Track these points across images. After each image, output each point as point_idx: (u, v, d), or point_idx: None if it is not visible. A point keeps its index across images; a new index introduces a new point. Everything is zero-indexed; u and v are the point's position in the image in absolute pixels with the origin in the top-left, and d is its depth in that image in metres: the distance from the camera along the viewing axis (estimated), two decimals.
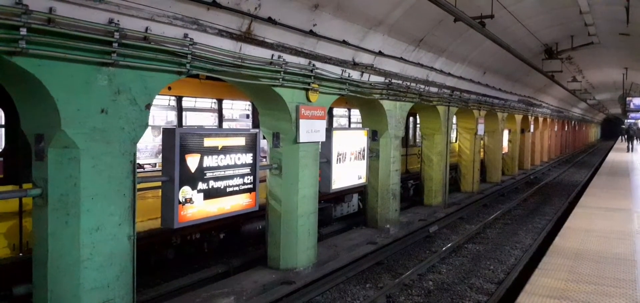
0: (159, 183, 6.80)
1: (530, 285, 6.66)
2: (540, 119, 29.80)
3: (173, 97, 8.83)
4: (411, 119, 16.18)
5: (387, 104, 11.21)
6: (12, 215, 6.51)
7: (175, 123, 8.99)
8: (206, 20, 6.34)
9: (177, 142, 6.44)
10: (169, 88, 8.30)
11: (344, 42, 8.89)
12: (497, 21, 11.20)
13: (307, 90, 8.48)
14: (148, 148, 8.98)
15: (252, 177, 7.69)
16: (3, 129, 6.73)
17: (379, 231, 11.49)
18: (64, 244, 5.34)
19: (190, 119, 9.58)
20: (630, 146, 35.66)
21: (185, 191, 6.62)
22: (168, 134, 6.59)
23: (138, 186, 5.99)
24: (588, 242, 8.86)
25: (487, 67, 16.36)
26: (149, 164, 8.80)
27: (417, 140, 16.87)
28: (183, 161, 6.56)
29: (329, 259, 9.38)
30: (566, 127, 42.73)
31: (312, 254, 9.02)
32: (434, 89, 13.45)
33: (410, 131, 16.39)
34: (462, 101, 15.85)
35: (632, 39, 15.71)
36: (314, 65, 8.46)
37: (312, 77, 8.47)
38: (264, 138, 8.82)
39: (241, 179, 7.53)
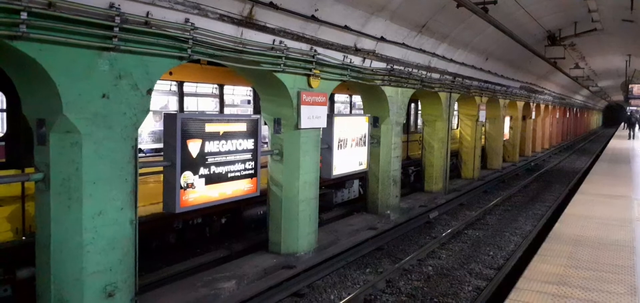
0: (161, 168, 6.82)
1: (529, 270, 6.71)
2: (542, 106, 29.72)
3: (174, 83, 8.81)
4: (412, 105, 16.14)
5: (388, 90, 11.18)
6: (15, 198, 6.54)
7: (169, 108, 8.97)
8: (207, 4, 6.30)
9: (178, 127, 6.45)
10: (170, 73, 8.29)
11: (346, 28, 8.85)
12: (500, 7, 11.12)
13: (308, 76, 8.46)
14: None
15: (253, 162, 7.71)
16: (5, 114, 6.73)
17: (380, 217, 11.54)
18: (66, 228, 5.38)
19: (191, 105, 9.57)
20: (632, 133, 35.57)
21: (187, 177, 6.65)
22: (169, 119, 6.60)
23: (140, 171, 6.01)
24: (588, 229, 8.90)
25: (490, 54, 16.28)
26: None
27: (419, 126, 16.85)
28: (184, 147, 6.58)
29: (330, 244, 9.44)
30: (568, 114, 42.62)
31: (313, 239, 9.07)
32: (436, 76, 13.41)
33: (412, 118, 16.35)
34: (464, 87, 15.81)
35: (636, 26, 15.61)
36: (315, 51, 8.42)
37: (314, 63, 8.45)
38: (265, 123, 8.82)
39: (242, 165, 7.55)
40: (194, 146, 6.71)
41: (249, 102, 10.60)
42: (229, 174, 7.33)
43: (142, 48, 5.72)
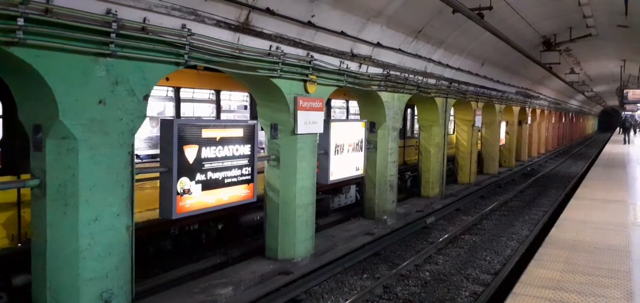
0: (157, 174, 6.81)
1: (526, 275, 6.72)
2: (538, 111, 29.85)
3: (171, 88, 8.81)
4: (409, 110, 16.19)
5: (385, 95, 11.21)
6: (11, 205, 6.52)
7: (165, 114, 8.97)
8: (204, 10, 6.32)
9: (175, 133, 6.44)
10: (167, 79, 8.29)
11: (343, 34, 8.88)
12: (495, 12, 11.18)
13: (305, 81, 8.48)
14: None
15: (250, 168, 7.71)
16: (1, 120, 6.71)
17: (377, 222, 11.54)
18: (62, 234, 5.36)
19: (188, 110, 9.57)
20: (627, 138, 35.74)
21: (184, 182, 6.63)
22: (166, 125, 6.59)
23: (136, 176, 6.00)
24: (584, 233, 8.92)
25: (486, 59, 16.36)
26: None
27: (415, 132, 16.89)
28: (181, 152, 6.57)
29: (327, 250, 9.43)
30: (563, 119, 42.81)
31: (310, 245, 9.06)
32: (432, 81, 13.45)
33: (408, 123, 16.40)
34: (460, 92, 15.86)
35: (631, 31, 15.72)
36: (312, 56, 8.44)
37: (310, 68, 8.47)
38: (262, 129, 8.82)
39: (239, 171, 7.54)
40: (190, 152, 6.71)
41: (245, 107, 10.60)
42: (226, 180, 7.33)
43: (139, 54, 5.72)
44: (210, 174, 7.03)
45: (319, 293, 7.95)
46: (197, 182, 6.84)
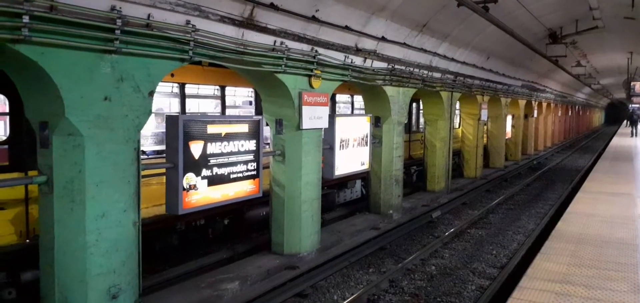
0: (163, 170, 6.84)
1: (532, 269, 6.70)
2: (544, 104, 29.67)
3: (176, 84, 8.84)
4: (414, 105, 16.13)
5: (390, 90, 11.18)
6: (19, 201, 6.57)
7: (171, 110, 8.99)
8: (208, 6, 6.32)
9: (180, 129, 6.46)
10: (172, 75, 8.31)
11: (347, 28, 8.85)
12: (500, 5, 11.11)
13: (309, 76, 8.47)
14: None
15: (255, 163, 7.72)
16: (8, 117, 6.76)
17: (382, 217, 11.54)
18: (70, 230, 5.40)
19: (193, 106, 9.60)
20: (634, 131, 35.46)
21: (189, 178, 6.66)
22: (172, 121, 6.61)
23: (142, 172, 6.03)
24: (590, 227, 8.88)
25: (491, 52, 16.27)
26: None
27: (420, 126, 16.85)
28: (187, 148, 6.59)
29: (333, 244, 9.44)
30: (570, 112, 42.53)
31: (316, 239, 9.07)
32: (437, 75, 13.40)
33: (414, 117, 16.35)
34: (466, 86, 15.79)
35: (637, 23, 15.59)
36: (316, 51, 8.43)
37: (315, 63, 8.45)
38: (267, 124, 8.83)
39: (245, 166, 7.56)
40: (196, 148, 6.73)
41: (250, 103, 10.62)
42: (232, 176, 7.34)
43: (144, 50, 5.73)
44: (216, 170, 7.05)
45: (325, 288, 7.97)
46: (203, 177, 6.86)
